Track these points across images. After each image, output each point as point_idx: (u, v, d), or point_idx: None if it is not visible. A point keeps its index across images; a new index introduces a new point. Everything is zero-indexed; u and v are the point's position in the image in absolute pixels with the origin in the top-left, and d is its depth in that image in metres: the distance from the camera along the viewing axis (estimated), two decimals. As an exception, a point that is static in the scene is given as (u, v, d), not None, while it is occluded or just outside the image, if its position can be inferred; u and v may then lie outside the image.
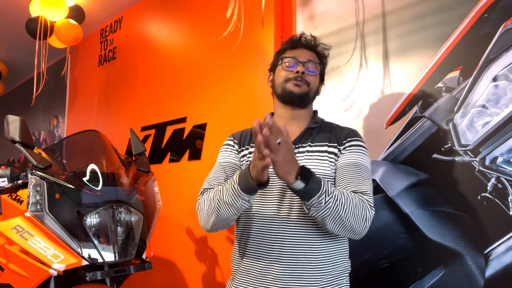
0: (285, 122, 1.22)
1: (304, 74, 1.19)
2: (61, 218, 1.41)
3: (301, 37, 1.26)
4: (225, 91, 2.24)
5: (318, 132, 1.22)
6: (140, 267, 1.53)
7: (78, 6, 3.19)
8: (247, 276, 1.15)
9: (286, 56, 1.24)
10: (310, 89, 1.21)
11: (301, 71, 1.19)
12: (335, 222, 1.01)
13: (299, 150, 1.18)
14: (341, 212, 1.00)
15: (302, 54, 1.23)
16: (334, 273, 1.12)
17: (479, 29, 1.31)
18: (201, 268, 2.26)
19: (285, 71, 1.22)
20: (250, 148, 1.24)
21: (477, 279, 1.23)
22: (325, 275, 1.10)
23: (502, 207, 1.20)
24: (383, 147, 1.52)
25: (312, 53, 1.25)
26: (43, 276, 1.36)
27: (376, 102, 1.57)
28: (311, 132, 1.22)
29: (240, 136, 1.30)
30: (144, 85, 2.97)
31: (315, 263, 1.10)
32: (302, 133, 1.21)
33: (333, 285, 1.12)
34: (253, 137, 0.94)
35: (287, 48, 1.26)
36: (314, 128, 1.22)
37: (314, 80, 1.23)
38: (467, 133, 1.30)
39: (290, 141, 0.96)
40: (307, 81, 1.20)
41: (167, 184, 2.48)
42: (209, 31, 2.41)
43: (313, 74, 1.22)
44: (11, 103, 5.64)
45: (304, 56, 1.22)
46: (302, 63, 1.20)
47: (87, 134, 1.76)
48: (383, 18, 1.59)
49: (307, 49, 1.25)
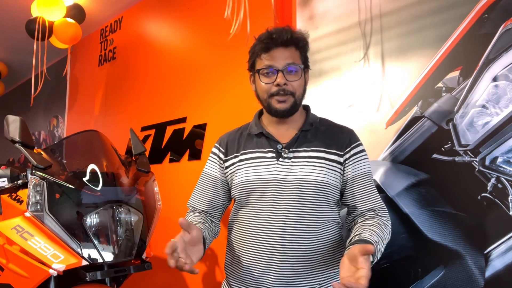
0: (275, 125, 1.20)
1: (286, 85, 1.11)
2: (61, 218, 1.41)
3: (272, 35, 1.12)
4: (225, 91, 2.24)
5: (313, 135, 1.17)
6: (140, 267, 1.53)
7: (77, 5, 3.18)
8: (243, 283, 1.15)
9: (262, 66, 1.13)
10: (296, 98, 1.13)
11: (282, 83, 1.10)
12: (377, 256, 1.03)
13: (295, 155, 1.13)
14: (382, 248, 1.03)
15: (278, 57, 1.11)
16: (329, 274, 1.13)
17: (479, 29, 1.31)
18: (201, 268, 2.26)
19: (266, 84, 1.13)
20: (240, 156, 1.19)
21: (477, 279, 1.23)
22: (319, 277, 1.11)
23: (502, 207, 1.20)
24: (383, 147, 1.52)
25: (289, 49, 1.13)
26: (43, 276, 1.36)
27: (376, 102, 1.57)
28: (305, 135, 1.17)
29: (227, 143, 1.24)
30: (144, 85, 2.97)
31: (308, 266, 1.09)
32: (296, 136, 1.16)
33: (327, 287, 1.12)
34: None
35: (261, 51, 1.13)
36: (309, 131, 1.18)
37: (298, 84, 1.14)
38: (467, 133, 1.30)
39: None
40: (291, 91, 1.12)
41: (167, 184, 2.48)
42: (209, 31, 2.41)
43: (296, 78, 1.13)
44: (11, 103, 5.64)
45: (281, 58, 1.11)
46: (280, 71, 1.10)
47: (87, 134, 1.76)
48: (383, 18, 1.59)
49: (282, 47, 1.12)
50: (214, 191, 1.24)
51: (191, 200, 1.27)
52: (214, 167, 1.25)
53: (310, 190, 1.10)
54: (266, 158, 1.15)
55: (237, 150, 1.21)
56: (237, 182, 1.17)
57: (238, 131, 1.27)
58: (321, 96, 1.78)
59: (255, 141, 1.20)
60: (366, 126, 1.58)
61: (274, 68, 1.11)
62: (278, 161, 1.13)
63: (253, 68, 1.19)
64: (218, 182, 1.24)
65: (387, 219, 1.12)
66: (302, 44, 1.16)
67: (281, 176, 1.12)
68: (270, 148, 1.16)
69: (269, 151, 1.16)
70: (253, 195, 1.14)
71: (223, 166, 1.24)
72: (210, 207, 1.24)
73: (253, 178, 1.14)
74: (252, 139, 1.21)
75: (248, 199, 1.15)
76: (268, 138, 1.18)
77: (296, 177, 1.11)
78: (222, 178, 1.24)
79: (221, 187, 1.24)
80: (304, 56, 1.17)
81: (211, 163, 1.27)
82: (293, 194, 1.10)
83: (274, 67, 1.11)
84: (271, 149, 1.16)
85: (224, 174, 1.24)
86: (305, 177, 1.11)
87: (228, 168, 1.22)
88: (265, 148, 1.17)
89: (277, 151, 1.15)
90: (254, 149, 1.18)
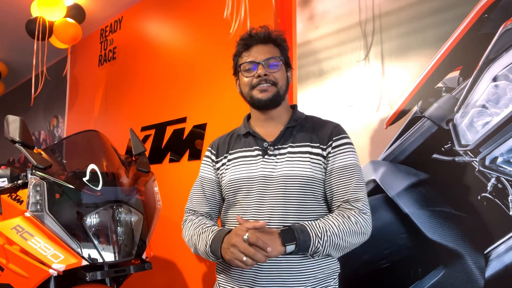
0: (262, 124, 1.22)
1: (266, 75, 1.14)
2: (61, 218, 1.41)
3: (251, 33, 1.18)
4: (225, 91, 2.24)
5: (298, 131, 1.18)
6: (140, 267, 1.53)
7: (77, 5, 3.18)
8: (230, 280, 1.14)
9: (243, 62, 1.18)
10: (279, 88, 1.16)
11: (263, 74, 1.14)
12: (338, 250, 1.05)
13: (280, 151, 1.15)
14: (340, 241, 1.03)
15: (258, 53, 1.16)
16: (319, 277, 1.09)
17: (479, 29, 1.31)
18: (201, 268, 2.26)
19: (247, 78, 1.17)
20: (228, 156, 1.23)
21: (477, 279, 1.23)
22: (310, 278, 1.07)
23: (502, 207, 1.20)
24: (383, 147, 1.52)
25: (268, 46, 1.18)
26: (43, 276, 1.36)
27: (376, 102, 1.57)
28: (291, 131, 1.18)
29: (218, 145, 1.28)
30: (144, 85, 2.97)
31: (298, 268, 1.07)
32: (282, 133, 1.17)
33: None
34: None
35: (242, 50, 1.20)
36: (294, 127, 1.19)
37: (280, 75, 1.17)
38: (467, 133, 1.30)
39: (261, 228, 0.99)
40: (273, 80, 1.15)
41: (167, 184, 2.48)
42: (209, 31, 2.41)
43: (277, 70, 1.16)
44: (11, 103, 5.64)
45: (261, 53, 1.16)
46: (260, 63, 1.15)
47: (87, 134, 1.76)
48: (383, 18, 1.59)
49: (262, 44, 1.17)
50: (212, 193, 1.26)
51: (191, 204, 1.28)
52: (209, 169, 1.27)
53: (295, 185, 1.10)
54: (252, 156, 1.17)
55: (226, 151, 1.24)
56: (225, 181, 1.20)
57: (229, 134, 1.30)
58: (321, 96, 1.78)
59: (243, 141, 1.22)
60: (366, 126, 1.58)
61: (254, 62, 1.16)
62: (263, 158, 1.15)
63: (236, 70, 1.24)
64: (214, 184, 1.26)
65: (358, 211, 1.06)
66: (279, 41, 1.20)
67: (267, 172, 1.13)
68: (256, 146, 1.18)
69: (255, 149, 1.18)
70: (239, 193, 1.16)
71: (215, 168, 1.26)
72: (210, 209, 1.26)
73: (240, 177, 1.16)
74: (240, 139, 1.24)
75: (236, 197, 1.17)
76: (255, 137, 1.20)
77: (280, 173, 1.11)
78: (216, 180, 1.26)
79: (217, 189, 1.26)
80: (284, 54, 1.21)
81: (206, 166, 1.29)
82: (278, 190, 1.10)
83: (254, 62, 1.16)
84: (257, 147, 1.18)
85: (217, 175, 1.26)
86: (289, 172, 1.11)
87: (219, 169, 1.25)
88: (252, 147, 1.19)
89: (263, 149, 1.16)
90: (241, 148, 1.21)
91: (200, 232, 1.13)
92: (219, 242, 1.04)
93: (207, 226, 1.14)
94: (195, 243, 1.14)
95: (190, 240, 1.17)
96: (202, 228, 1.14)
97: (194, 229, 1.16)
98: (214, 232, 1.08)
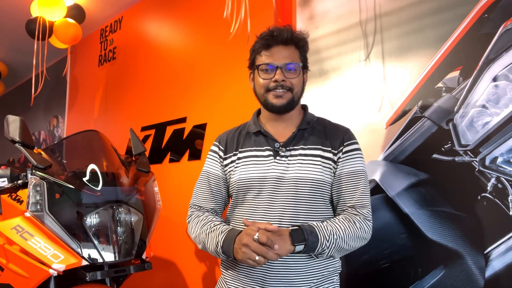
0: (273, 123, 1.22)
1: (284, 81, 1.12)
2: (61, 218, 1.41)
3: (273, 33, 1.15)
4: (225, 91, 2.24)
5: (310, 133, 1.18)
6: (140, 267, 1.53)
7: (77, 5, 3.19)
8: (237, 277, 1.15)
9: (261, 63, 1.15)
10: (294, 94, 1.15)
11: (280, 80, 1.12)
12: (340, 252, 1.09)
13: (291, 153, 1.15)
14: (344, 245, 1.07)
15: (278, 54, 1.14)
16: (325, 274, 1.12)
17: (479, 29, 1.31)
18: (201, 268, 2.26)
19: (263, 79, 1.15)
20: (238, 154, 1.21)
21: (477, 279, 1.23)
22: (315, 276, 1.10)
23: (502, 207, 1.20)
24: (383, 147, 1.52)
25: (289, 48, 1.15)
26: (43, 276, 1.36)
27: (376, 102, 1.57)
28: (302, 133, 1.18)
29: (226, 141, 1.26)
30: (144, 85, 2.97)
31: (305, 267, 1.09)
32: (294, 135, 1.17)
33: (324, 286, 1.12)
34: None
35: (261, 49, 1.16)
36: (306, 129, 1.19)
37: (297, 81, 1.15)
38: (467, 133, 1.30)
39: (274, 230, 1.00)
40: (289, 86, 1.14)
41: (167, 184, 2.48)
42: (209, 31, 2.41)
43: (294, 76, 1.14)
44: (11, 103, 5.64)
45: (281, 56, 1.13)
46: (279, 67, 1.12)
47: (87, 134, 1.76)
48: (383, 18, 1.59)
49: (283, 45, 1.15)
50: (218, 189, 1.25)
51: (196, 199, 1.26)
52: (215, 165, 1.26)
53: (306, 188, 1.11)
54: (264, 156, 1.16)
55: (236, 148, 1.23)
56: (234, 180, 1.19)
57: (237, 130, 1.28)
58: (321, 96, 1.78)
59: (253, 139, 1.21)
60: (366, 126, 1.58)
61: (273, 65, 1.13)
62: (275, 159, 1.15)
63: (253, 65, 1.21)
64: (220, 180, 1.24)
65: (363, 217, 1.10)
66: (302, 44, 1.18)
67: (278, 174, 1.13)
68: (267, 146, 1.18)
69: (266, 149, 1.17)
70: (250, 193, 1.15)
71: (223, 164, 1.25)
72: (216, 205, 1.25)
73: (250, 176, 1.15)
74: (250, 137, 1.22)
75: (245, 197, 1.16)
76: (266, 137, 1.19)
77: (292, 175, 1.12)
78: (223, 176, 1.25)
79: (223, 185, 1.25)
80: (303, 56, 1.20)
81: (212, 161, 1.27)
82: (289, 192, 1.11)
83: (273, 64, 1.13)
84: (268, 147, 1.17)
85: (224, 171, 1.25)
86: (301, 175, 1.11)
87: (227, 166, 1.23)
88: (263, 147, 1.18)
89: (274, 150, 1.16)
90: (252, 147, 1.20)
91: (209, 231, 1.12)
92: (231, 243, 1.04)
93: (215, 224, 1.14)
94: (204, 241, 1.13)
95: (198, 237, 1.16)
96: (210, 227, 1.14)
97: (202, 226, 1.16)
98: (224, 233, 1.08)
